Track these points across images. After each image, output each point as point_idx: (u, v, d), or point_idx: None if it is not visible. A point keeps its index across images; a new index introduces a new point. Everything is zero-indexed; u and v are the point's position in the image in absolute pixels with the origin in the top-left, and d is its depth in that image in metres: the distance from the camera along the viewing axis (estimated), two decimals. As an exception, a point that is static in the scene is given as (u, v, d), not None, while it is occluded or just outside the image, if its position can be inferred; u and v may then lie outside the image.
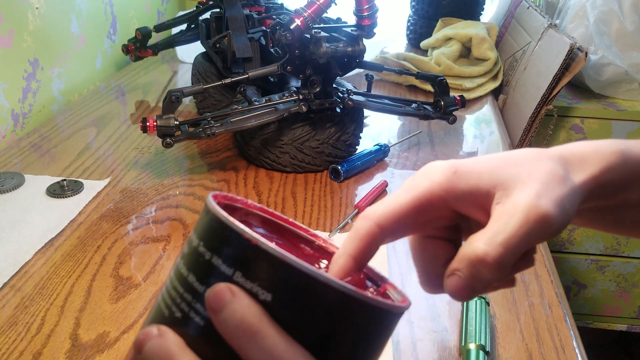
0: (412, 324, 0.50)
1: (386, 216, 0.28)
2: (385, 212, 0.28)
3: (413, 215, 0.29)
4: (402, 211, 0.29)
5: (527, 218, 0.26)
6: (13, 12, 0.89)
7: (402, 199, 0.29)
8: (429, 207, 0.29)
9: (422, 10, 1.38)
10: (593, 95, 1.18)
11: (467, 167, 0.29)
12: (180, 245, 0.61)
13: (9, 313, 0.51)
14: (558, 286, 0.56)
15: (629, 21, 1.09)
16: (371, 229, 0.28)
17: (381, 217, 0.28)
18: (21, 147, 0.84)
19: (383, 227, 0.28)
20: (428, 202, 0.29)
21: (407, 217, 0.29)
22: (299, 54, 0.71)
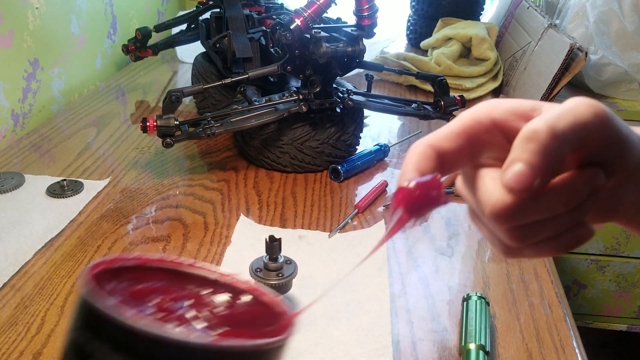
0: (412, 324, 0.50)
1: (438, 138, 0.29)
2: (437, 135, 0.30)
3: (463, 138, 0.29)
4: (452, 133, 0.29)
5: (578, 107, 0.26)
6: (13, 12, 0.89)
7: (451, 125, 0.30)
8: (478, 129, 0.30)
9: (422, 10, 1.38)
10: (593, 96, 1.18)
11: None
12: (181, 245, 0.61)
13: (9, 313, 0.51)
14: (558, 286, 0.56)
15: (629, 21, 1.09)
16: (425, 150, 0.29)
17: (433, 139, 0.29)
18: (21, 147, 0.84)
19: (436, 148, 0.29)
20: (476, 123, 0.30)
21: (458, 139, 0.29)
22: (299, 54, 0.71)
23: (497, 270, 0.58)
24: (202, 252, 0.60)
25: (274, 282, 0.48)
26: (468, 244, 0.62)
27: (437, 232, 0.64)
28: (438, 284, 0.55)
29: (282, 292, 0.49)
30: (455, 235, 0.64)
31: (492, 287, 0.55)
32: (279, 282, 0.48)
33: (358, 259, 0.56)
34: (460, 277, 0.57)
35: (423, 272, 0.57)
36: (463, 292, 0.53)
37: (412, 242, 0.62)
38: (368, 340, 0.48)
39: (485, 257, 0.60)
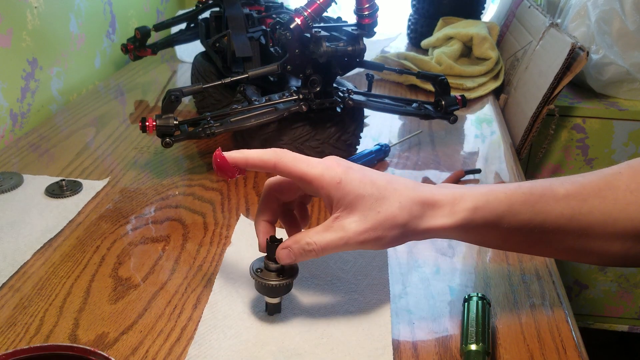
0: (412, 325, 0.50)
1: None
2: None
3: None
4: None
5: (339, 241, 0.43)
6: (12, 12, 0.89)
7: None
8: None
9: (423, 9, 1.38)
10: (595, 95, 1.18)
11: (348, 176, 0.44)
12: (180, 245, 0.61)
13: (8, 314, 0.50)
14: (559, 287, 0.56)
15: (631, 20, 1.09)
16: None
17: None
18: (20, 147, 0.84)
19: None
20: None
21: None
22: (299, 53, 0.71)
23: (498, 270, 0.57)
24: (202, 253, 0.59)
25: (275, 283, 0.47)
26: (469, 244, 0.62)
27: (438, 232, 0.64)
28: (439, 284, 0.55)
29: (283, 293, 0.49)
30: (456, 235, 0.63)
31: (493, 287, 0.55)
32: (279, 283, 0.47)
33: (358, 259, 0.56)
34: (461, 277, 0.56)
35: (424, 273, 0.57)
36: (464, 292, 0.53)
37: (413, 242, 0.62)
38: (369, 341, 0.47)
39: (487, 258, 0.60)
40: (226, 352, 0.46)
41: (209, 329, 0.48)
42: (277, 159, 0.44)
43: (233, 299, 0.52)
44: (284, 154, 0.44)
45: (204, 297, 0.53)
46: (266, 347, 0.46)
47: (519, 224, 0.43)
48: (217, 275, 0.56)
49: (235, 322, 0.49)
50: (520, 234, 0.44)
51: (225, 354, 0.46)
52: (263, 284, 0.47)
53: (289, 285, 0.48)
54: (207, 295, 0.53)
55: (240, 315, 0.50)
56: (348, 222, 0.42)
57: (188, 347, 0.47)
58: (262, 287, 0.48)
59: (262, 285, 0.48)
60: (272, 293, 0.48)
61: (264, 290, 0.48)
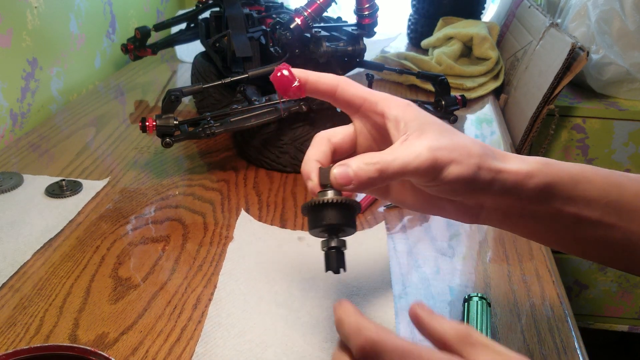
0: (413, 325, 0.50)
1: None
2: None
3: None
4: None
5: (418, 156, 0.36)
6: (12, 11, 0.89)
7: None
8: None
9: (423, 9, 1.38)
10: (595, 95, 1.18)
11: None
12: (180, 245, 0.61)
13: (8, 314, 0.50)
14: (559, 287, 0.56)
15: (631, 20, 1.09)
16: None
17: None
18: (20, 147, 0.83)
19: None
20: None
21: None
22: (299, 53, 0.71)
23: (499, 270, 0.57)
24: (202, 253, 0.59)
25: (336, 198, 0.37)
26: (469, 244, 0.62)
27: (438, 232, 0.64)
28: (439, 284, 0.55)
29: (345, 218, 0.38)
30: (456, 235, 0.63)
31: (493, 287, 0.55)
32: (340, 199, 0.37)
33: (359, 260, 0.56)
34: (461, 277, 0.56)
35: (424, 273, 0.57)
36: (464, 292, 0.53)
37: (413, 242, 0.62)
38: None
39: (487, 258, 0.60)
40: (231, 351, 0.46)
41: (214, 326, 0.48)
42: (340, 80, 0.41)
43: (235, 297, 0.52)
44: (345, 78, 0.41)
45: (204, 297, 0.53)
46: (270, 349, 0.46)
47: (595, 192, 0.38)
48: (220, 271, 0.56)
49: (239, 321, 0.49)
50: (596, 207, 0.38)
51: (230, 353, 0.46)
52: (318, 202, 0.37)
53: (350, 205, 0.38)
54: (207, 295, 0.53)
55: (243, 313, 0.50)
56: (420, 140, 0.36)
57: (188, 347, 0.47)
58: (317, 208, 0.37)
59: (317, 205, 0.37)
60: (332, 214, 0.37)
61: (320, 213, 0.37)
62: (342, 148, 0.42)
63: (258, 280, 0.55)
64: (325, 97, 0.42)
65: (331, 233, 0.39)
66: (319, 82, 0.41)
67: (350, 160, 0.37)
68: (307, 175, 0.39)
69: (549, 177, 0.38)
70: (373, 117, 0.41)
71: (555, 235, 0.42)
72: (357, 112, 0.42)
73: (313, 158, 0.40)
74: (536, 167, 0.38)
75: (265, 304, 0.51)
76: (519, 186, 0.38)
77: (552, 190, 0.38)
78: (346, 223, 0.38)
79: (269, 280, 0.54)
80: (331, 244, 0.39)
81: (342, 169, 0.36)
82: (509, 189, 0.38)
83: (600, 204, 0.39)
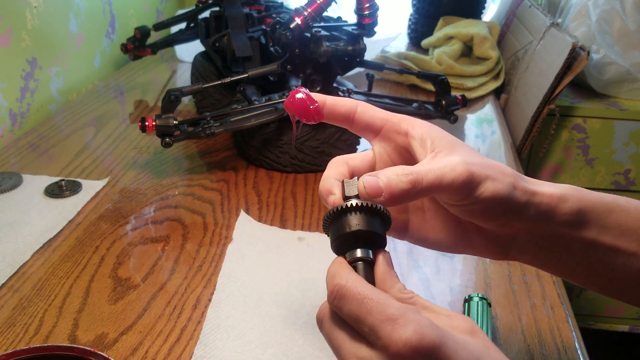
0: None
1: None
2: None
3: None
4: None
5: (454, 169, 0.34)
6: (11, 11, 0.89)
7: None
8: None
9: (424, 8, 1.38)
10: (595, 95, 1.18)
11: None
12: (180, 245, 0.61)
13: (7, 314, 0.50)
14: (560, 287, 0.56)
15: (631, 20, 1.09)
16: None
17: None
18: (19, 147, 0.83)
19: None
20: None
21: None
22: (299, 53, 0.71)
23: (499, 271, 0.57)
24: (202, 253, 0.59)
25: (372, 206, 0.33)
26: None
27: (438, 232, 0.64)
28: (439, 285, 0.55)
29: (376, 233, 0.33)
30: (456, 235, 0.63)
31: (493, 288, 0.55)
32: (374, 206, 0.33)
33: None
34: (461, 278, 0.56)
35: (424, 273, 0.57)
36: (464, 293, 0.53)
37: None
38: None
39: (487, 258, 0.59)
40: (230, 352, 0.46)
41: (213, 328, 0.48)
42: (358, 102, 0.39)
43: (235, 298, 0.52)
44: (363, 102, 0.39)
45: (204, 298, 0.53)
46: (270, 350, 0.46)
47: (629, 222, 0.37)
48: (219, 273, 0.55)
49: (238, 323, 0.49)
50: (633, 239, 0.37)
51: (230, 355, 0.45)
52: (344, 206, 0.33)
53: (381, 212, 0.34)
54: (207, 295, 0.53)
55: (242, 315, 0.50)
56: (452, 156, 0.34)
57: (188, 347, 0.47)
58: (342, 213, 0.33)
59: (343, 210, 0.33)
60: (360, 220, 0.33)
61: (346, 218, 0.33)
62: (360, 173, 0.38)
63: (258, 281, 0.54)
64: (344, 121, 0.39)
65: (359, 243, 0.33)
66: (337, 105, 0.39)
67: (380, 171, 0.34)
68: (327, 191, 0.36)
69: (582, 203, 0.36)
70: (395, 137, 0.38)
71: (590, 271, 0.39)
72: (378, 134, 0.39)
73: (332, 177, 0.37)
74: (569, 191, 0.36)
75: (265, 305, 0.51)
76: (553, 210, 0.36)
77: (586, 217, 0.36)
78: (376, 231, 0.33)
79: (268, 281, 0.54)
80: (357, 255, 0.33)
81: (372, 178, 0.33)
82: (543, 213, 0.36)
83: (637, 234, 0.37)
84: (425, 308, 0.31)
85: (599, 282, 0.39)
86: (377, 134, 0.39)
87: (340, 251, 0.34)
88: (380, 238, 0.33)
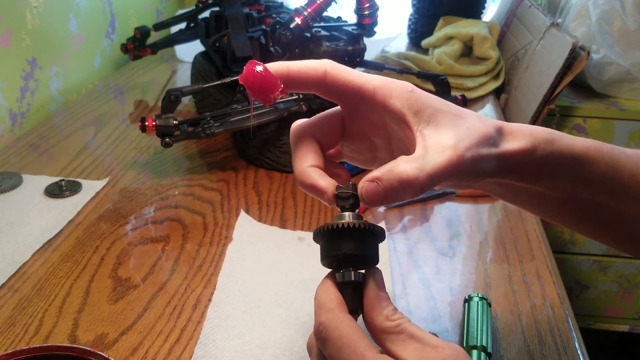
0: (413, 325, 0.50)
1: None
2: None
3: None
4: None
5: (452, 161, 0.31)
6: (11, 11, 0.89)
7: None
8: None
9: (424, 8, 1.38)
10: (595, 95, 1.18)
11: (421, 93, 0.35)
12: (180, 245, 0.61)
13: (7, 314, 0.50)
14: (560, 287, 0.55)
15: (631, 20, 1.09)
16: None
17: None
18: (19, 147, 0.83)
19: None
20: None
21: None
22: (299, 53, 0.71)
23: (499, 271, 0.57)
24: (202, 253, 0.59)
25: (358, 222, 0.32)
26: (469, 244, 0.62)
27: (439, 232, 0.64)
28: (439, 284, 0.55)
29: (369, 247, 0.33)
30: (456, 235, 0.63)
31: (493, 288, 0.55)
32: (362, 224, 0.32)
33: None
34: (461, 278, 0.56)
35: (424, 273, 0.57)
36: (464, 293, 0.53)
37: (413, 242, 0.62)
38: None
39: (487, 258, 0.59)
40: (230, 352, 0.46)
41: (213, 328, 0.48)
42: (327, 67, 0.34)
43: (235, 298, 0.52)
44: (334, 63, 0.35)
45: (204, 298, 0.53)
46: (270, 350, 0.46)
47: (594, 172, 0.37)
48: (219, 273, 0.55)
49: (238, 323, 0.49)
50: (592, 187, 0.37)
51: (230, 355, 0.45)
52: (336, 226, 0.31)
53: (374, 232, 0.32)
54: (207, 295, 0.53)
55: (242, 315, 0.50)
56: (446, 137, 0.32)
57: (188, 347, 0.47)
58: (334, 234, 0.32)
59: (335, 231, 0.31)
60: (352, 242, 0.31)
61: (338, 239, 0.32)
62: (329, 141, 0.38)
63: (258, 281, 0.54)
64: (312, 90, 0.36)
65: (349, 264, 0.32)
66: (301, 72, 0.34)
67: (381, 173, 0.31)
68: (311, 185, 0.34)
69: (549, 158, 0.36)
70: (370, 110, 0.36)
71: (546, 209, 0.40)
72: (350, 103, 0.36)
73: (308, 165, 0.35)
74: (539, 142, 0.35)
75: (265, 305, 0.51)
76: (520, 169, 0.35)
77: (551, 172, 0.36)
78: (369, 253, 0.32)
79: (268, 281, 0.54)
80: (347, 278, 0.32)
81: (373, 186, 0.31)
82: (511, 171, 0.35)
83: (595, 185, 0.37)
84: (412, 337, 0.29)
85: (553, 219, 0.41)
86: (350, 103, 0.36)
87: (330, 266, 0.33)
88: (373, 257, 0.32)
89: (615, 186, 0.38)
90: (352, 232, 0.31)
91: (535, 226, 0.65)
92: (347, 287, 0.32)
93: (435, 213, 0.67)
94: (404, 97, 0.34)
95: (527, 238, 0.62)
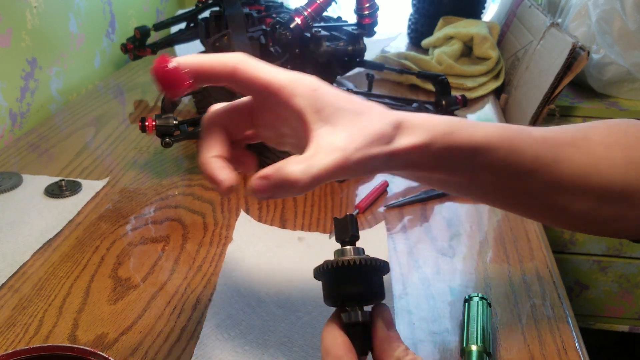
0: (413, 325, 0.50)
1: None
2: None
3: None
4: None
5: (338, 163, 0.33)
6: (11, 11, 0.89)
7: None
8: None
9: (424, 8, 1.38)
10: (595, 95, 1.18)
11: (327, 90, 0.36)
12: (180, 245, 0.60)
13: (7, 314, 0.50)
14: (560, 287, 0.55)
15: (631, 20, 1.09)
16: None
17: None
18: (19, 147, 0.83)
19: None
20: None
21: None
22: (299, 53, 0.71)
23: (499, 271, 0.57)
24: (202, 253, 0.59)
25: (363, 258, 0.31)
26: (469, 244, 0.62)
27: (438, 232, 0.64)
28: (439, 284, 0.55)
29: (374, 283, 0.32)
30: (456, 235, 0.63)
31: (493, 288, 0.55)
32: (367, 259, 0.31)
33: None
34: (461, 278, 0.56)
35: (424, 273, 0.57)
36: (464, 293, 0.53)
37: (413, 242, 0.62)
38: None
39: (487, 258, 0.59)
40: (230, 353, 0.46)
41: (213, 328, 0.48)
42: (237, 62, 0.36)
43: (235, 298, 0.52)
44: (246, 58, 0.36)
45: (204, 298, 0.53)
46: (270, 350, 0.46)
47: (494, 160, 0.38)
48: (219, 273, 0.55)
49: (238, 323, 0.49)
50: (493, 173, 0.39)
51: (230, 355, 0.45)
52: (339, 264, 0.31)
53: (379, 268, 0.32)
54: (207, 295, 0.53)
55: (242, 315, 0.50)
56: (338, 138, 0.34)
57: (188, 347, 0.47)
58: (337, 272, 0.31)
59: (338, 269, 0.31)
60: (358, 281, 0.31)
61: (342, 278, 0.31)
62: (238, 130, 0.40)
63: (258, 281, 0.54)
64: (222, 83, 0.37)
65: (354, 303, 0.31)
66: (211, 67, 0.36)
67: (272, 170, 0.33)
68: (209, 175, 0.36)
69: (446, 151, 0.37)
70: (277, 105, 0.37)
71: (450, 190, 0.43)
72: (259, 97, 0.38)
73: (211, 155, 0.37)
74: (434, 136, 0.36)
75: (265, 305, 0.51)
76: (413, 162, 0.37)
77: (447, 163, 0.38)
78: (374, 290, 0.31)
79: (268, 281, 0.54)
80: (354, 319, 0.31)
81: (262, 183, 0.33)
82: (405, 165, 0.37)
83: (497, 169, 0.39)
84: None
85: (463, 193, 0.42)
86: (259, 98, 0.38)
87: (335, 305, 0.32)
88: (378, 293, 0.32)
89: (518, 169, 0.39)
90: (355, 269, 0.30)
91: (535, 226, 0.65)
92: (355, 329, 0.31)
93: (435, 213, 0.67)
94: (307, 95, 0.35)
95: (527, 238, 0.62)
